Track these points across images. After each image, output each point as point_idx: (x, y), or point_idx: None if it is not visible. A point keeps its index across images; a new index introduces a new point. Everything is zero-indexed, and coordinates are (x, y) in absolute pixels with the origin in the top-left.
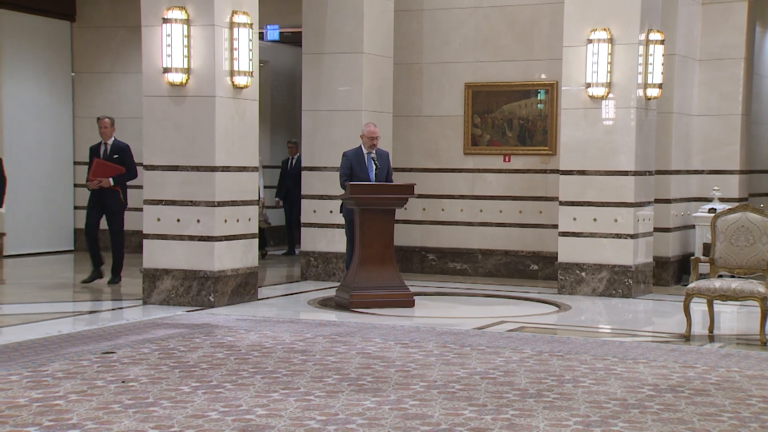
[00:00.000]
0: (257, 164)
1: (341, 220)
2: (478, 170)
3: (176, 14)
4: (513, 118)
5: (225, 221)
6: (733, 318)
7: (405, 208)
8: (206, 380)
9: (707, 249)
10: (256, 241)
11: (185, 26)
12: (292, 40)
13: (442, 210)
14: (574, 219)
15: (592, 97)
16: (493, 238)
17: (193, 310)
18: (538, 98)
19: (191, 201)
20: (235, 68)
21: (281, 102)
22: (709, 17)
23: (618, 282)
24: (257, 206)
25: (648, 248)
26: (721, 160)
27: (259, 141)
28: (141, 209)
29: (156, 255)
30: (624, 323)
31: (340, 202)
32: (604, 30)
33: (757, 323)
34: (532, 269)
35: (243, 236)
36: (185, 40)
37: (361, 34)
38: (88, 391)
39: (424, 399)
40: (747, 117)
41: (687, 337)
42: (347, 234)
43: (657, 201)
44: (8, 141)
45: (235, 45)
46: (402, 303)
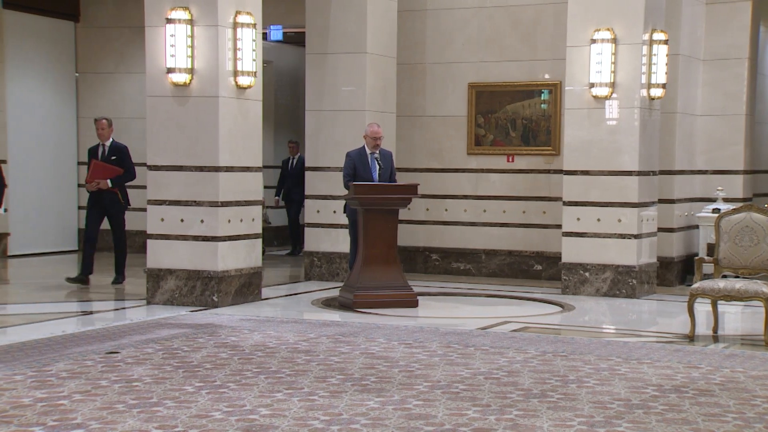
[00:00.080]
0: (261, 164)
1: (345, 221)
2: (482, 170)
3: (180, 14)
4: (516, 118)
5: (229, 221)
6: (738, 318)
7: (408, 209)
8: (210, 380)
9: (711, 249)
10: (259, 241)
11: (189, 26)
12: (295, 40)
13: (446, 210)
14: (578, 219)
15: (595, 97)
16: (496, 239)
17: (196, 310)
18: (542, 98)
19: (195, 201)
20: (239, 68)
21: (285, 102)
22: (713, 17)
23: (622, 282)
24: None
25: (652, 248)
26: (725, 160)
27: (263, 141)
28: (145, 209)
29: (160, 255)
30: (628, 323)
31: (344, 202)
32: (608, 30)
33: (762, 323)
34: (535, 269)
35: (247, 236)
36: (189, 40)
37: (365, 34)
38: (92, 391)
39: (427, 399)
40: (751, 117)
41: (691, 338)
42: (351, 234)
43: (661, 201)
44: (12, 141)
45: (239, 45)
46: (406, 303)
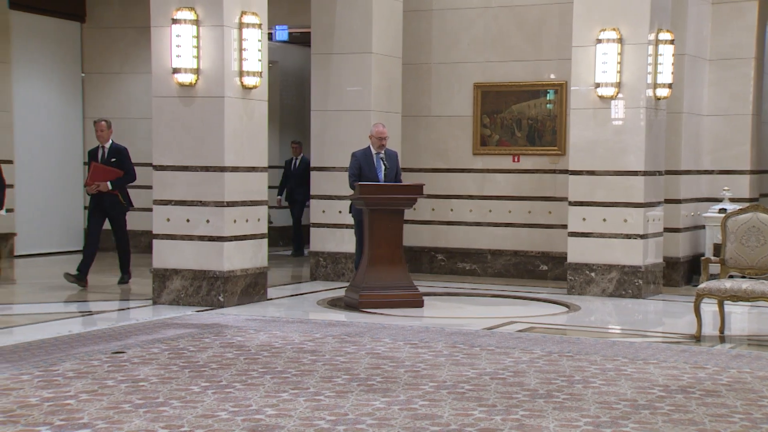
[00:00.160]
0: (266, 164)
1: (350, 221)
2: (487, 170)
3: (185, 15)
4: (522, 118)
5: (234, 221)
6: (744, 319)
7: (414, 209)
8: (216, 380)
9: (718, 249)
10: (265, 241)
11: (194, 27)
12: (301, 40)
13: (451, 210)
14: (584, 219)
15: (601, 97)
16: (502, 239)
17: (202, 310)
18: (548, 98)
19: (200, 201)
20: (244, 69)
21: (290, 102)
22: (719, 17)
23: (628, 282)
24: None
25: (658, 249)
26: (732, 160)
27: (268, 141)
28: (150, 209)
29: (165, 255)
30: (634, 324)
31: (350, 202)
32: (614, 30)
33: None
34: (541, 269)
35: (252, 236)
36: (194, 40)
37: (370, 34)
38: (98, 391)
39: (433, 399)
40: (757, 117)
41: (698, 338)
42: (356, 234)
43: (667, 201)
44: (18, 141)
45: (245, 45)
46: (411, 303)
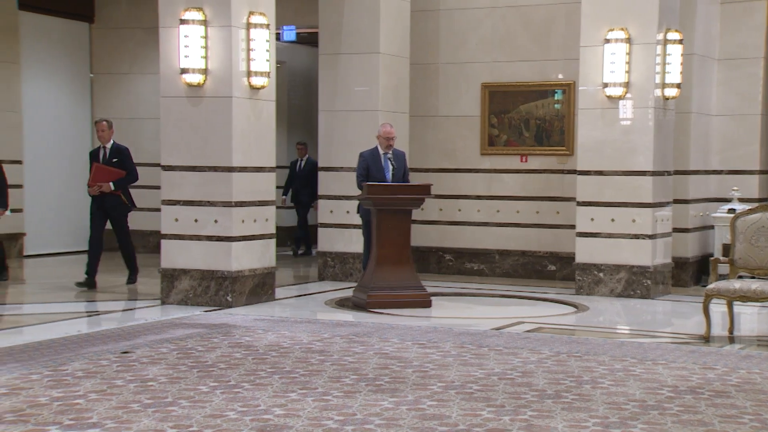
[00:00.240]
0: (274, 164)
1: (358, 221)
2: (495, 170)
3: (193, 15)
4: (530, 119)
5: (242, 221)
6: (754, 319)
7: (422, 209)
8: (224, 380)
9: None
10: (273, 241)
11: (202, 27)
12: (308, 40)
13: (459, 210)
14: (592, 219)
15: (609, 97)
16: (510, 239)
17: (210, 310)
18: (555, 98)
19: (209, 201)
20: (252, 69)
21: (298, 102)
22: (727, 16)
23: (636, 283)
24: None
25: (666, 249)
26: (740, 160)
27: (276, 141)
28: (158, 209)
29: (174, 255)
30: (643, 324)
31: (357, 202)
32: (622, 30)
33: None
34: (549, 270)
35: (260, 236)
36: (202, 41)
37: (378, 34)
38: (107, 391)
39: (441, 399)
40: (766, 117)
41: (707, 339)
42: (364, 234)
43: (676, 201)
44: (27, 142)
45: (252, 46)
46: (419, 303)
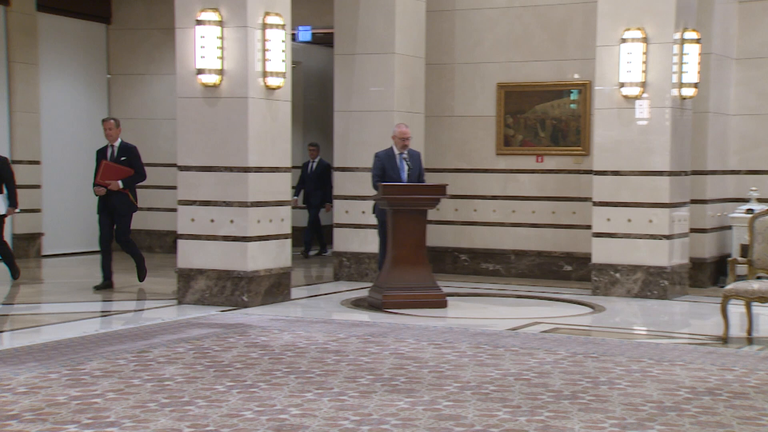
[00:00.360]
0: (290, 165)
1: (374, 221)
2: (511, 171)
3: (209, 16)
4: (546, 119)
5: (258, 222)
6: None
7: (437, 209)
8: (241, 380)
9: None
10: (289, 241)
11: (218, 28)
12: (324, 41)
13: (475, 210)
14: (608, 220)
15: (626, 97)
16: (526, 239)
17: (227, 310)
18: (571, 98)
19: (225, 201)
20: (268, 69)
21: (313, 103)
22: (745, 15)
23: (653, 283)
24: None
25: (684, 249)
26: (759, 160)
27: (291, 141)
28: (175, 209)
29: (190, 255)
30: (660, 325)
31: (373, 202)
32: (638, 29)
33: None
34: (565, 270)
35: (276, 236)
36: (218, 41)
37: (393, 34)
38: (125, 390)
39: (457, 400)
40: None
41: (724, 340)
42: (380, 234)
43: (693, 201)
44: (45, 142)
45: (268, 46)
46: (435, 304)
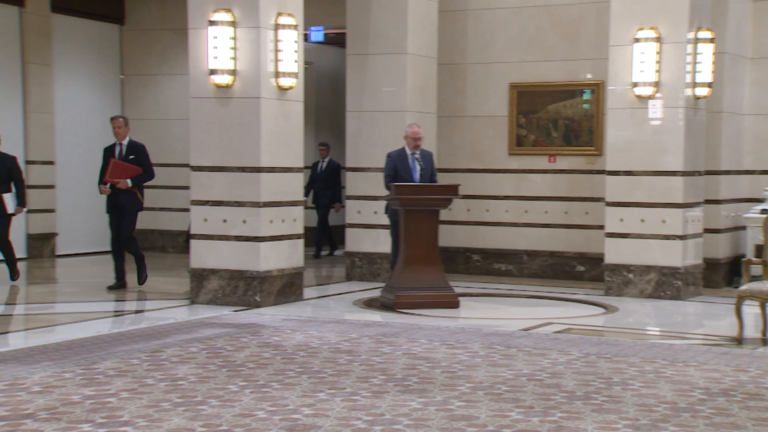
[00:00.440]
0: (302, 165)
1: (386, 221)
2: (523, 171)
3: (222, 16)
4: (558, 119)
5: (270, 222)
6: None
7: (449, 209)
8: (253, 380)
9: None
10: (301, 241)
11: (231, 28)
12: (336, 41)
13: (487, 211)
14: (621, 220)
15: (639, 97)
16: (538, 239)
17: (239, 310)
18: (584, 98)
19: (237, 202)
20: (280, 70)
21: (325, 103)
22: (760, 14)
23: (666, 284)
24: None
25: (697, 249)
26: None
27: (303, 142)
28: (187, 210)
29: (203, 255)
30: (673, 325)
31: (385, 202)
32: (652, 29)
33: None
34: (578, 270)
35: (288, 237)
36: (231, 42)
37: (405, 34)
38: (138, 389)
39: (470, 400)
40: None
41: (739, 340)
42: (392, 235)
43: (707, 202)
44: (59, 143)
45: (280, 47)
46: (447, 304)
